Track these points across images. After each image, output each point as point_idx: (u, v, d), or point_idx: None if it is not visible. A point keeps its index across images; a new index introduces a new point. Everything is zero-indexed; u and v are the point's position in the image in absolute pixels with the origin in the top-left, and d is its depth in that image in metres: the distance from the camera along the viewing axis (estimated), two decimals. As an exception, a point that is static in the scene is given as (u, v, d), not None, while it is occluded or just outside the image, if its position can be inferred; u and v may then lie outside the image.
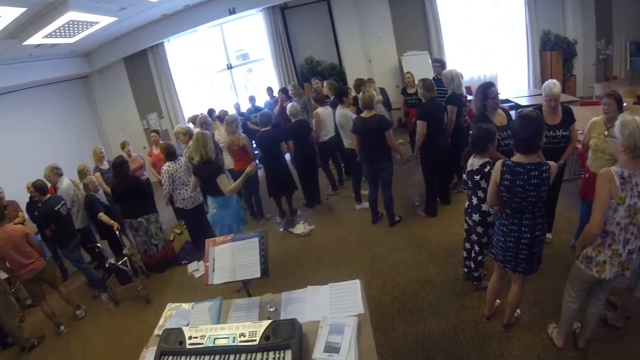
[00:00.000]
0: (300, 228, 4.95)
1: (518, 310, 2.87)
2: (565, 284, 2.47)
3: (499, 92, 3.51)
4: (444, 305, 3.22)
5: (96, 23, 6.23)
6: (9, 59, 6.43)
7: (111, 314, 4.66)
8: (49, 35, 5.81)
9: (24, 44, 5.71)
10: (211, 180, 3.86)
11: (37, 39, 5.70)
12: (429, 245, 4.05)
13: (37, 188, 4.80)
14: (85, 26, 6.16)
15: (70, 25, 5.78)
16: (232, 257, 2.39)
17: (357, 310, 2.05)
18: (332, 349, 1.83)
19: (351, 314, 2.01)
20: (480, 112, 3.46)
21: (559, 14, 8.12)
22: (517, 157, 2.36)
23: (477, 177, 2.86)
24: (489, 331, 2.88)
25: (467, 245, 3.31)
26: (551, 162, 2.33)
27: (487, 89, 3.40)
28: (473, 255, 3.21)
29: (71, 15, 5.31)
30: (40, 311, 4.69)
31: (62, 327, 4.59)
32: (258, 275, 2.29)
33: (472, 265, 3.26)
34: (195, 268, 4.98)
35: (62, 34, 6.00)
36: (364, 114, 4.30)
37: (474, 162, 2.90)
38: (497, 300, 3.01)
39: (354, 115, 4.77)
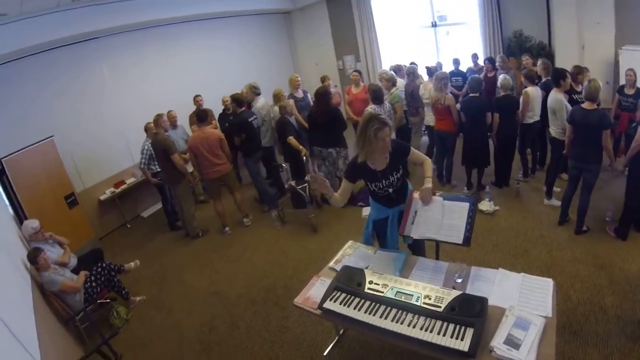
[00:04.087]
0: (485, 205, 4.73)
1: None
2: None
3: None
4: (611, 342, 2.84)
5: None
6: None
7: (275, 231, 4.97)
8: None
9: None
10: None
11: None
12: (611, 269, 3.57)
13: (235, 100, 5.23)
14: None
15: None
16: (441, 215, 2.33)
17: (546, 312, 1.93)
18: (512, 343, 1.75)
19: (538, 313, 1.91)
20: None
21: None
22: None
23: None
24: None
25: (664, 287, 2.84)
26: None
27: None
28: (667, 300, 2.76)
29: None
30: (207, 210, 5.20)
31: (227, 228, 5.12)
32: (460, 241, 2.22)
33: (661, 312, 2.81)
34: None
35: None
36: (586, 105, 3.82)
37: None
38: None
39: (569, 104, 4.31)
